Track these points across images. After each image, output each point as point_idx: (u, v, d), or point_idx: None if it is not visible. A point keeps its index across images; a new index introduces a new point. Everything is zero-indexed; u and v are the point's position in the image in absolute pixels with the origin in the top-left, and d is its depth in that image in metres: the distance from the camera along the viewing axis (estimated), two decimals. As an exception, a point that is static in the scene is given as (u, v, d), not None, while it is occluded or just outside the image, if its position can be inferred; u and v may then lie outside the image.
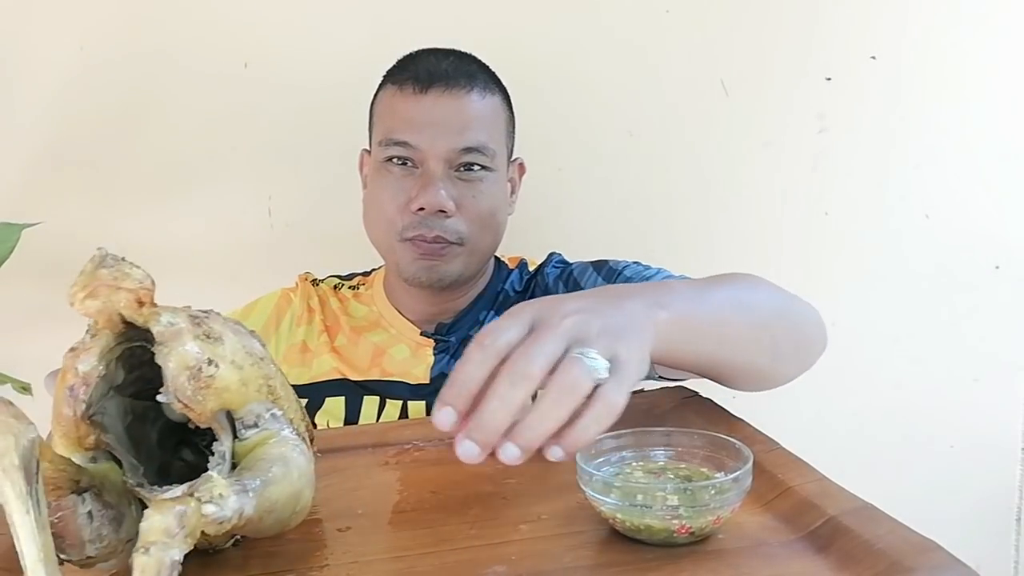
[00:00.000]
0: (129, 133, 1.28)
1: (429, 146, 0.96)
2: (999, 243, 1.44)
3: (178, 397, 0.48)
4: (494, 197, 1.01)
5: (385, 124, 1.00)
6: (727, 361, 0.69)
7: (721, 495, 0.52)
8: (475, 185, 0.98)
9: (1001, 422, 1.49)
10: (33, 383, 1.07)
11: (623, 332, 0.54)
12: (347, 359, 1.04)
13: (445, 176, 0.97)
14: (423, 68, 0.98)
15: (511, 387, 0.50)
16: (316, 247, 1.31)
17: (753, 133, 1.38)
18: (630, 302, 0.58)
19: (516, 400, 0.50)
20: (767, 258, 1.41)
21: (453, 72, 0.98)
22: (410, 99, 0.97)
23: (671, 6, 1.33)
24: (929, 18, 1.38)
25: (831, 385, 1.44)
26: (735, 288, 0.72)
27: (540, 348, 0.51)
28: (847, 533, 0.51)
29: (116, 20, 1.26)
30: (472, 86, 0.98)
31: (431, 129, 0.96)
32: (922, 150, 1.41)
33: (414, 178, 0.97)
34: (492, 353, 0.51)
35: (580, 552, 0.53)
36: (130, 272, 0.49)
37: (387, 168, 0.99)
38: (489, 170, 0.99)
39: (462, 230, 0.98)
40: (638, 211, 1.38)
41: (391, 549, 0.56)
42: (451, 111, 0.97)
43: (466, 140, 0.97)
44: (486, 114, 0.99)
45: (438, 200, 0.95)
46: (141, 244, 1.30)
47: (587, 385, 0.50)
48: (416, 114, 0.97)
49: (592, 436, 0.51)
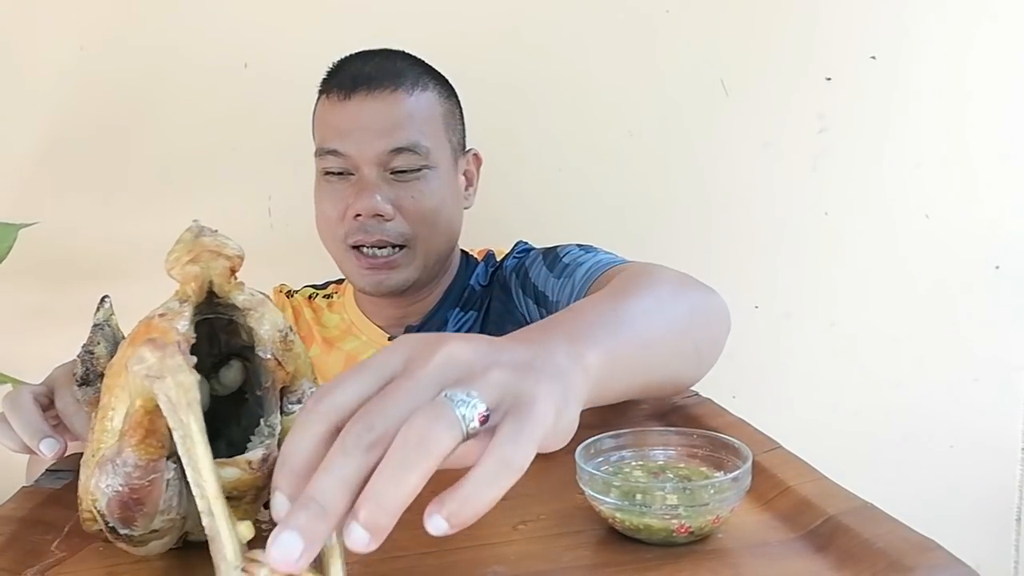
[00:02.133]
0: (129, 133, 1.28)
1: (358, 152, 0.95)
2: (999, 243, 1.44)
3: (274, 354, 0.51)
4: (436, 194, 0.98)
5: (318, 134, 1.00)
6: (655, 382, 0.66)
7: (720, 495, 0.52)
8: (413, 185, 0.96)
9: (1001, 422, 1.49)
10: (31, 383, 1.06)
11: (533, 369, 0.41)
12: (321, 370, 1.03)
13: (380, 179, 0.95)
14: (347, 73, 0.97)
15: (344, 456, 0.36)
16: (316, 247, 1.30)
17: (753, 133, 1.38)
18: (546, 341, 0.46)
19: (350, 472, 0.36)
20: (767, 258, 1.41)
21: (376, 73, 0.96)
22: (336, 106, 0.96)
23: (671, 6, 1.33)
24: (929, 18, 1.38)
25: (831, 385, 1.45)
26: (646, 296, 0.66)
27: (394, 398, 0.38)
28: (847, 532, 0.51)
29: (116, 20, 1.26)
30: (397, 85, 0.96)
31: (358, 134, 0.95)
32: (922, 150, 1.41)
33: (350, 185, 0.96)
34: (325, 416, 0.39)
35: (579, 552, 0.53)
36: (227, 242, 0.53)
37: (325, 179, 0.98)
38: (428, 168, 0.97)
39: (405, 231, 0.97)
40: (638, 211, 1.37)
41: (391, 549, 0.56)
42: (376, 113, 0.95)
43: (395, 141, 0.95)
44: (416, 111, 0.97)
45: (372, 205, 0.94)
46: (141, 244, 1.30)
47: (447, 436, 0.37)
48: (342, 121, 0.96)
49: (483, 502, 0.38)
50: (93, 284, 1.29)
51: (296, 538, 0.35)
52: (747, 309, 1.40)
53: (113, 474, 0.45)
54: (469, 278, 1.07)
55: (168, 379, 0.41)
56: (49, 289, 1.28)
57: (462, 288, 1.06)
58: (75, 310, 1.31)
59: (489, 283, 1.05)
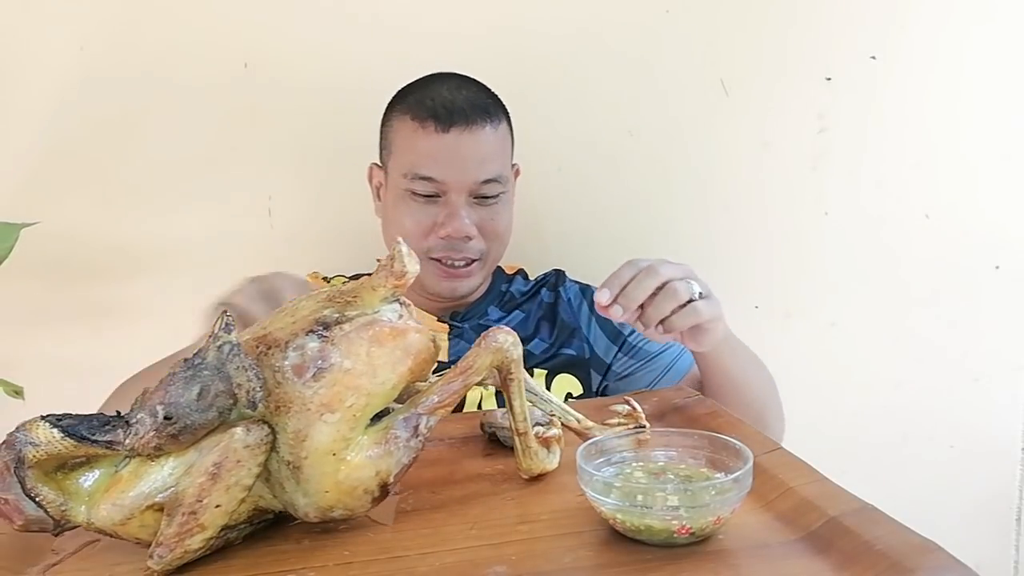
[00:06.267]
0: (129, 133, 1.28)
1: (453, 180, 1.05)
2: (999, 243, 1.44)
3: None
4: (507, 214, 1.12)
5: (407, 158, 1.07)
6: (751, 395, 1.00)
7: (721, 495, 0.52)
8: (492, 208, 1.09)
9: (1001, 422, 1.49)
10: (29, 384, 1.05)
11: (712, 291, 0.85)
12: None
13: (467, 204, 1.07)
14: (440, 104, 1.06)
15: (647, 277, 0.81)
16: (316, 247, 1.31)
17: (753, 133, 1.38)
18: None
19: (650, 286, 0.80)
20: (767, 258, 1.41)
21: (470, 109, 1.06)
22: (432, 137, 1.05)
23: (671, 6, 1.33)
24: (929, 18, 1.38)
25: (831, 385, 1.45)
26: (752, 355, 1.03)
27: (667, 267, 0.82)
28: (847, 534, 0.51)
29: (116, 20, 1.25)
30: (487, 121, 1.06)
31: (455, 165, 1.05)
32: (922, 150, 1.41)
33: (437, 206, 1.07)
34: (636, 267, 0.81)
35: (580, 552, 0.53)
36: None
37: (411, 198, 1.07)
38: (503, 193, 1.10)
39: (481, 248, 1.09)
40: (638, 211, 1.37)
41: (391, 549, 0.56)
42: (471, 147, 1.05)
43: (486, 172, 1.06)
44: (499, 144, 1.09)
45: (464, 229, 1.06)
46: (141, 244, 1.31)
47: (686, 295, 0.82)
48: (439, 151, 1.05)
49: (677, 324, 0.83)
50: (93, 284, 1.29)
51: (618, 308, 0.81)
52: (747, 309, 1.40)
53: None
54: (506, 284, 1.20)
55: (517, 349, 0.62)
56: (49, 289, 1.28)
57: (500, 291, 1.19)
58: (75, 310, 1.32)
59: (534, 294, 1.19)
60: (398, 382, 0.57)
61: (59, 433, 0.52)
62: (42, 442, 0.52)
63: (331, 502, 0.56)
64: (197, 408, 0.52)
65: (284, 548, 0.57)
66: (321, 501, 0.56)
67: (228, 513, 0.54)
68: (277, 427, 0.55)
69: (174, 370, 0.53)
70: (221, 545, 0.56)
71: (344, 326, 0.56)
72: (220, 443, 0.53)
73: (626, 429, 0.66)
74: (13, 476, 0.52)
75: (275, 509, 0.59)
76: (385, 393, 0.57)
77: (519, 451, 0.64)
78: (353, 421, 0.55)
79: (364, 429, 0.57)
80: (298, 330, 0.56)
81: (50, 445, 0.52)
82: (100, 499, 0.54)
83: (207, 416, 0.52)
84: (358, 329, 0.56)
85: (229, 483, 0.53)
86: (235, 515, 0.55)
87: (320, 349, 0.55)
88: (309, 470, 0.55)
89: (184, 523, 0.52)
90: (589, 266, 1.18)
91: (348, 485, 0.56)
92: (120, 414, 0.54)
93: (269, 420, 0.55)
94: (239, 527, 0.57)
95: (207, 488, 0.52)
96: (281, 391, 0.54)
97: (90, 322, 1.28)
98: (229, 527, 0.55)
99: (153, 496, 0.53)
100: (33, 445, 0.52)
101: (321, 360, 0.55)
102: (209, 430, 0.53)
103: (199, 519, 0.52)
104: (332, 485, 0.56)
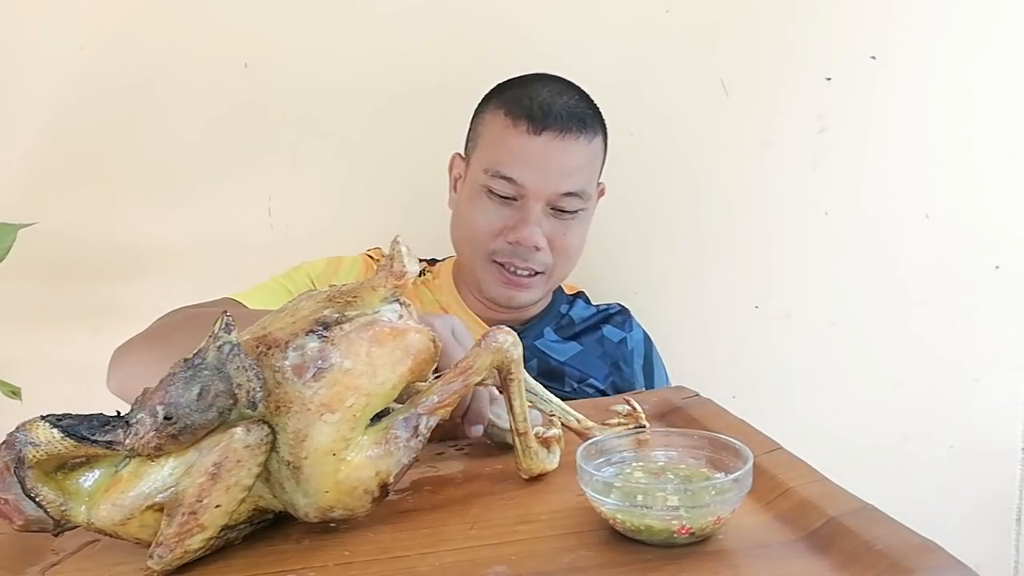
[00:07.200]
0: (128, 133, 1.28)
1: (533, 186, 1.01)
2: (999, 243, 1.44)
3: None
4: (581, 233, 1.07)
5: (493, 153, 1.03)
6: None
7: (721, 495, 0.52)
8: (568, 223, 1.04)
9: (1001, 422, 1.49)
10: (28, 384, 1.05)
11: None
12: None
13: (543, 213, 1.02)
14: (538, 105, 1.01)
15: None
16: (316, 247, 1.31)
17: (753, 133, 1.38)
18: None
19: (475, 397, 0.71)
20: (767, 258, 1.41)
21: (567, 116, 1.01)
22: (523, 137, 1.00)
23: (671, 6, 1.33)
24: (929, 18, 1.38)
25: (831, 385, 1.45)
26: None
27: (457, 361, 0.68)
28: (847, 534, 0.51)
29: (116, 20, 1.25)
30: (582, 132, 1.02)
31: (539, 171, 1.00)
32: (922, 150, 1.41)
33: (511, 209, 1.02)
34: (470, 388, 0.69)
35: (580, 552, 0.53)
36: None
37: (487, 194, 1.03)
38: (583, 210, 1.05)
39: (548, 262, 1.04)
40: (638, 211, 1.37)
41: (391, 549, 0.56)
42: (560, 156, 1.00)
43: (569, 185, 1.01)
44: (589, 159, 1.04)
45: (534, 239, 1.01)
46: (140, 244, 1.31)
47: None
48: (527, 153, 1.00)
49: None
50: (93, 284, 1.29)
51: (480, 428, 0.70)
52: (747, 309, 1.40)
53: None
54: (566, 306, 1.16)
55: (517, 349, 0.63)
56: (49, 289, 1.28)
57: (558, 312, 1.15)
58: (75, 310, 1.32)
59: (595, 327, 1.14)
60: (398, 382, 0.57)
61: (59, 433, 0.52)
62: (42, 442, 0.52)
63: (331, 502, 0.56)
64: (197, 408, 0.52)
65: (284, 548, 0.57)
66: (321, 501, 0.56)
67: (228, 513, 0.54)
68: (277, 427, 0.55)
69: (174, 370, 0.53)
70: (221, 545, 0.56)
71: (344, 326, 0.56)
72: (220, 443, 0.53)
73: (626, 429, 0.66)
74: (13, 476, 0.52)
75: (275, 509, 0.59)
76: (385, 393, 0.57)
77: (519, 451, 0.64)
78: (353, 421, 0.55)
79: (364, 429, 0.57)
80: (298, 330, 0.56)
81: (50, 445, 0.52)
82: (100, 499, 0.54)
83: (207, 416, 0.52)
84: (358, 329, 0.56)
85: (229, 483, 0.53)
86: (235, 515, 0.55)
87: (320, 349, 0.55)
88: (309, 470, 0.55)
89: (184, 523, 0.52)
90: (589, 266, 1.18)
91: (348, 485, 0.56)
92: (120, 414, 0.54)
93: (269, 420, 0.55)
94: (239, 527, 0.57)
95: (207, 488, 0.52)
96: (281, 391, 0.54)
97: (90, 322, 1.28)
98: (229, 527, 0.55)
99: (153, 496, 0.53)
100: (33, 445, 0.52)
101: (321, 360, 0.55)
102: (209, 430, 0.53)
103: (199, 519, 0.52)
104: (332, 485, 0.56)
